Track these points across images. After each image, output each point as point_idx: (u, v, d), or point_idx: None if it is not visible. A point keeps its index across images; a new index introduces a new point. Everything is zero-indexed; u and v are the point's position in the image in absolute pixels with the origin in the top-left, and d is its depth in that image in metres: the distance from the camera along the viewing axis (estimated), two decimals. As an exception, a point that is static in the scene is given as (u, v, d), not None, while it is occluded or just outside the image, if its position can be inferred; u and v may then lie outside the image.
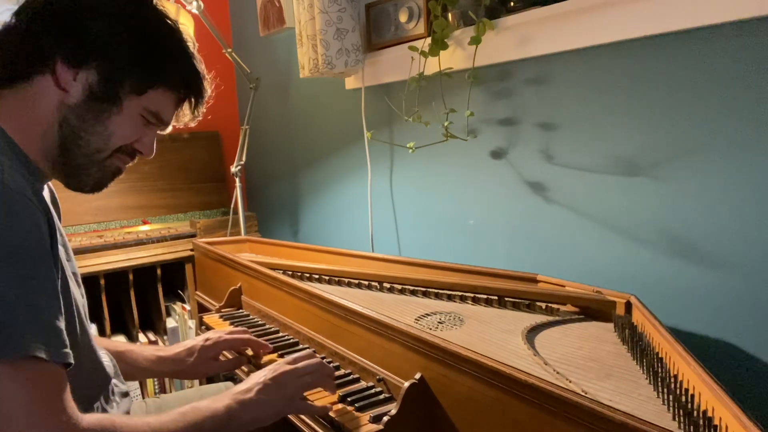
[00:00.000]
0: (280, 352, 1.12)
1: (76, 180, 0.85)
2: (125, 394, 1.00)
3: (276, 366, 0.90)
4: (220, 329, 1.23)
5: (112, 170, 0.87)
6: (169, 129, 0.90)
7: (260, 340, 1.12)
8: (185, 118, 0.91)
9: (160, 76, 0.83)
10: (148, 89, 0.82)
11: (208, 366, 1.11)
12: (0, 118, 0.78)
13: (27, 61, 0.78)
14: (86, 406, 0.84)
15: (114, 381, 0.96)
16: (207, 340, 1.11)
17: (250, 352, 1.13)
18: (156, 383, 2.21)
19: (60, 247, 0.78)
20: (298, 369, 0.89)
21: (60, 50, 0.78)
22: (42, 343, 0.67)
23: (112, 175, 0.87)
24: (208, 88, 0.90)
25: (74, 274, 0.88)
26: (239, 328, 1.20)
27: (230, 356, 1.16)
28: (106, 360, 0.95)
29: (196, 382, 2.19)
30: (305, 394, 0.90)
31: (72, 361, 0.71)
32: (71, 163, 0.83)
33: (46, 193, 0.87)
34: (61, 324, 0.71)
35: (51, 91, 0.79)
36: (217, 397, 0.83)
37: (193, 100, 0.89)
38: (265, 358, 1.10)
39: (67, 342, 0.71)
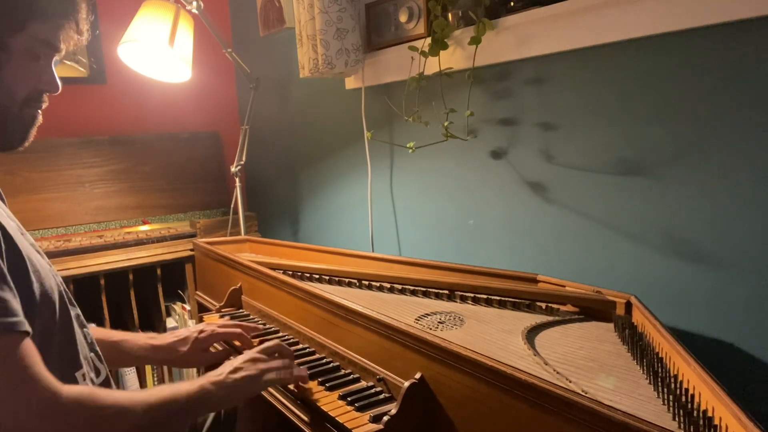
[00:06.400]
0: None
1: (1, 142, 0.85)
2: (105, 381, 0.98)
3: (246, 354, 0.96)
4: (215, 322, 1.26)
5: (29, 120, 0.86)
6: (63, 54, 0.88)
7: (249, 336, 1.17)
8: (72, 40, 0.89)
9: (31, 8, 0.81)
10: (26, 24, 0.81)
11: (200, 357, 1.14)
12: None
13: None
14: (65, 377, 0.82)
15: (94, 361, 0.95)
16: (201, 332, 1.14)
17: (238, 343, 1.18)
18: (155, 379, 2.22)
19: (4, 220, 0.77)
20: (263, 352, 0.96)
21: None
22: None
23: (32, 125, 0.86)
24: (82, 3, 0.88)
25: (32, 244, 0.88)
26: (232, 322, 1.23)
27: (220, 348, 1.20)
28: (81, 338, 0.93)
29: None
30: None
31: (28, 329, 0.70)
32: None
33: None
34: (6, 293, 0.70)
35: None
36: (193, 380, 0.88)
37: (72, 18, 0.87)
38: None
39: (17, 309, 0.70)
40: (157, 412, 0.78)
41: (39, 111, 0.87)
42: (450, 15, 1.44)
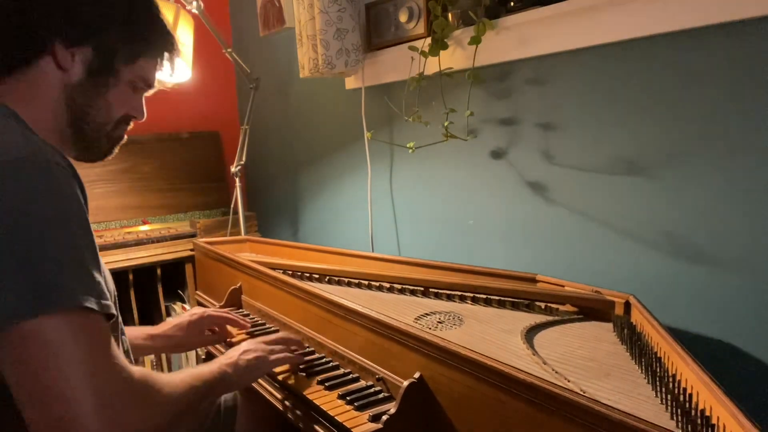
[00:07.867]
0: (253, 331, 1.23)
1: (90, 153, 0.94)
2: None
3: (251, 340, 1.04)
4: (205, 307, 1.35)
5: (117, 138, 0.96)
6: (154, 90, 0.98)
7: (239, 319, 1.24)
8: (164, 77, 1.00)
9: (145, 46, 0.91)
10: (137, 59, 0.90)
11: (196, 339, 1.23)
12: (11, 105, 0.82)
13: (25, 48, 0.83)
14: None
15: None
16: (193, 315, 1.23)
17: (230, 328, 1.25)
18: (154, 369, 2.22)
19: None
20: (268, 339, 1.04)
21: (57, 34, 0.84)
22: (90, 295, 0.70)
23: (117, 143, 0.96)
24: (180, 47, 0.99)
25: None
26: (222, 309, 1.31)
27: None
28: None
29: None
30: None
31: (114, 312, 0.75)
32: (84, 138, 0.90)
33: None
34: (103, 281, 0.75)
35: (53, 73, 0.85)
36: (210, 363, 0.93)
37: (170, 59, 0.97)
38: (238, 338, 1.21)
39: (108, 296, 0.75)
40: (193, 392, 0.83)
41: (125, 132, 0.97)
42: (450, 15, 1.44)
